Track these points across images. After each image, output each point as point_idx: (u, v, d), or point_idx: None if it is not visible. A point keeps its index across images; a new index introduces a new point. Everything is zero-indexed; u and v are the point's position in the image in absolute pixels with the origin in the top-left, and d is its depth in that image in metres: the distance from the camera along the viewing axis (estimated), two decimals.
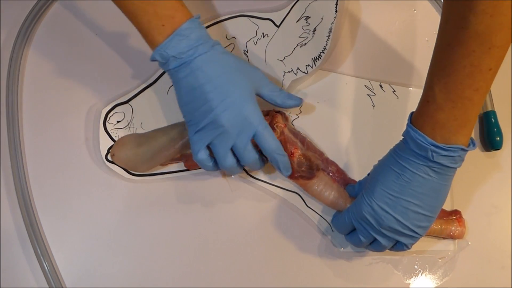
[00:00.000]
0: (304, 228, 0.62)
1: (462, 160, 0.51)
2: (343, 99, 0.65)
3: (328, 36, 0.62)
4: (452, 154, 0.50)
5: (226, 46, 0.66)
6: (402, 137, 0.54)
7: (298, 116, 0.65)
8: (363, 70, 0.66)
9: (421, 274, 0.61)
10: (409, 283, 0.61)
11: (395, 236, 0.54)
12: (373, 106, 0.65)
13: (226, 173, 0.62)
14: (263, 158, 0.58)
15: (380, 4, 0.68)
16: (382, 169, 0.55)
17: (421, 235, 0.54)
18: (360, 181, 0.60)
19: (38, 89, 0.64)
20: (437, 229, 0.60)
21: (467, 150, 0.50)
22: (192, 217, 0.62)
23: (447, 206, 0.62)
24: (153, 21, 0.52)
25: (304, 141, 0.62)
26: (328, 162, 0.63)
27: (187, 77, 0.53)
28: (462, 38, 0.46)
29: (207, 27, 0.66)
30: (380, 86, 0.66)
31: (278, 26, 0.66)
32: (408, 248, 0.55)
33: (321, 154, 0.63)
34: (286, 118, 0.63)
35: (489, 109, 0.64)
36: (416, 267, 0.61)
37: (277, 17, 0.66)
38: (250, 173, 0.63)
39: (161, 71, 0.65)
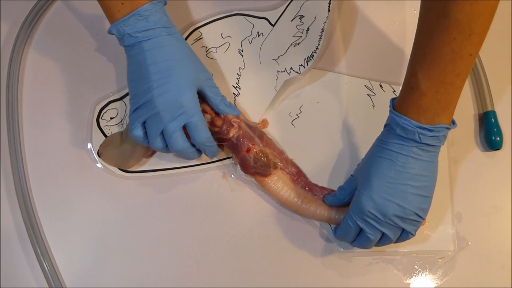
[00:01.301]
0: (304, 228, 0.62)
1: (445, 138, 0.53)
2: (343, 99, 0.65)
3: (321, 35, 0.61)
4: (437, 134, 0.51)
5: (221, 45, 0.66)
6: (384, 126, 0.55)
7: (298, 116, 0.65)
8: (363, 70, 0.66)
9: (421, 274, 0.61)
10: (409, 283, 0.61)
11: (400, 224, 0.54)
12: (373, 106, 0.65)
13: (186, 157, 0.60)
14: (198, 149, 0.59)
15: (380, 4, 0.68)
16: (372, 161, 0.55)
17: (423, 219, 0.54)
18: (341, 186, 0.60)
19: (38, 89, 0.64)
20: None
21: (450, 128, 0.53)
22: (192, 217, 0.62)
23: (446, 206, 0.62)
24: None
25: (263, 137, 0.62)
26: (288, 163, 0.63)
27: (138, 55, 0.55)
28: (443, 25, 0.48)
29: (203, 25, 0.66)
30: (380, 86, 0.66)
31: (273, 25, 0.66)
32: (413, 235, 0.55)
33: (280, 153, 0.63)
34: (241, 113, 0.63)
35: (489, 109, 0.64)
36: (416, 267, 0.61)
37: (272, 16, 0.66)
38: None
39: None
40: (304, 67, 0.62)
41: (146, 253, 0.61)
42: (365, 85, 0.66)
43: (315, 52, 0.62)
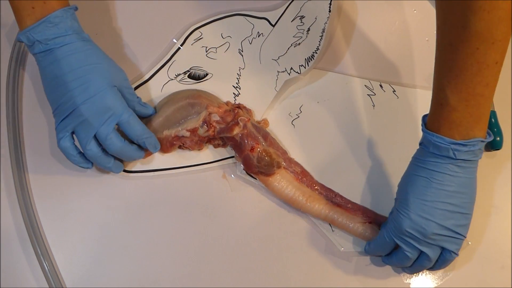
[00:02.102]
0: (304, 228, 0.62)
1: (482, 152, 0.52)
2: (343, 99, 0.65)
3: (321, 36, 0.61)
4: (472, 148, 0.50)
5: (221, 45, 0.66)
6: (419, 144, 0.55)
7: (298, 116, 0.65)
8: (363, 70, 0.66)
9: (421, 274, 0.61)
10: (409, 283, 0.61)
11: (440, 243, 0.53)
12: (373, 106, 0.65)
13: (99, 166, 0.60)
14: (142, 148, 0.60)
15: (380, 4, 0.68)
16: (409, 180, 0.54)
17: (464, 236, 0.53)
18: (391, 211, 0.59)
19: (38, 89, 0.64)
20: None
21: (485, 141, 0.51)
22: (192, 217, 0.62)
23: None
24: (24, 2, 0.53)
25: (267, 137, 0.62)
26: (292, 162, 0.63)
27: (51, 65, 0.54)
28: (463, 37, 0.47)
29: (203, 25, 0.66)
30: (380, 86, 0.66)
31: (273, 26, 0.66)
32: (456, 255, 0.54)
33: (284, 152, 0.63)
34: (248, 113, 0.63)
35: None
36: None
37: (272, 16, 0.66)
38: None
39: (155, 69, 0.65)
40: (305, 68, 0.63)
41: (146, 253, 0.61)
42: (365, 85, 0.66)
43: (316, 53, 0.62)
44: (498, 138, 0.63)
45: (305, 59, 0.63)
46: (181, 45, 0.66)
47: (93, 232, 0.61)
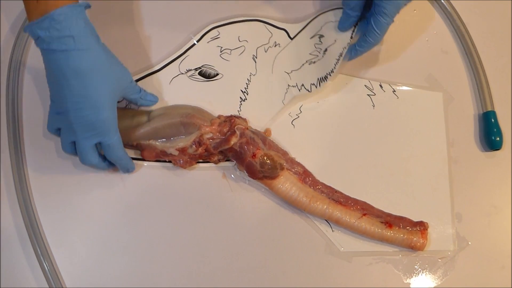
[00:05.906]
0: (304, 228, 0.62)
1: None
2: (343, 99, 0.65)
3: (338, 60, 0.61)
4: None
5: (237, 48, 0.65)
6: None
7: (298, 116, 0.65)
8: (363, 70, 0.66)
9: (421, 274, 0.61)
10: (409, 283, 0.61)
11: None
12: (373, 106, 0.65)
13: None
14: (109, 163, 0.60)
15: None
16: None
17: None
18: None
19: (38, 89, 0.64)
20: (399, 238, 0.60)
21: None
22: (192, 217, 0.62)
23: (446, 206, 0.62)
24: None
25: (265, 141, 0.61)
26: (293, 163, 0.62)
27: (52, 62, 0.52)
28: None
29: (222, 25, 0.66)
30: (380, 86, 0.66)
31: (291, 38, 0.65)
32: None
33: (284, 153, 0.62)
34: (245, 121, 0.63)
35: (489, 109, 0.64)
36: (416, 267, 0.61)
37: (292, 29, 0.66)
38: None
39: (167, 61, 0.65)
40: (316, 87, 0.63)
41: (146, 253, 0.61)
42: (365, 85, 0.66)
43: (330, 75, 0.62)
44: (498, 138, 0.63)
45: (318, 78, 0.63)
46: (197, 41, 0.65)
47: (93, 232, 0.61)
